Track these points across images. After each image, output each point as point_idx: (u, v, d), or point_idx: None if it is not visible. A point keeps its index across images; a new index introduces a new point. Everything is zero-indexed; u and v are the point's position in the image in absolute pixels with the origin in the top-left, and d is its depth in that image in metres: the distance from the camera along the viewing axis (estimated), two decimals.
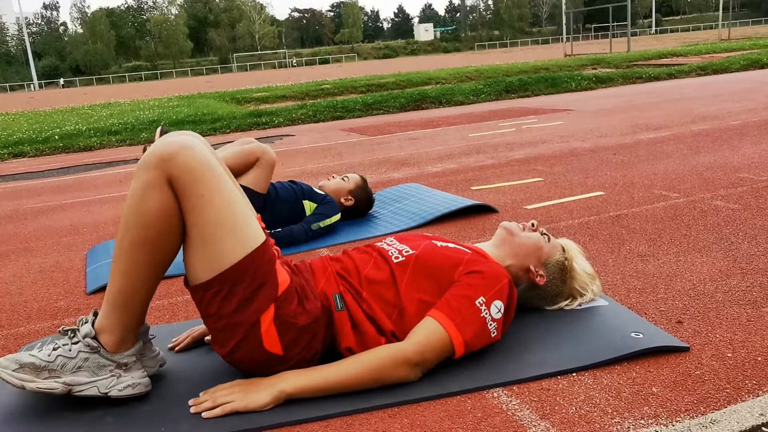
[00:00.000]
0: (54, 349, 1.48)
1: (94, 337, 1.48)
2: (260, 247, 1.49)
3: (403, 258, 1.65)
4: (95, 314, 1.53)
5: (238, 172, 2.77)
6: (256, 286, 1.47)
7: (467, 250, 1.70)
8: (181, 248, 1.51)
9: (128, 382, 1.49)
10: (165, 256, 1.47)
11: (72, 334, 1.51)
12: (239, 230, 1.46)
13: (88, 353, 1.47)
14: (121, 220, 1.47)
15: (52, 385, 1.45)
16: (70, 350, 1.48)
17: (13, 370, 1.44)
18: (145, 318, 1.55)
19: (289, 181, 3.12)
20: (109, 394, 1.47)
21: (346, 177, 3.24)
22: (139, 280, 1.46)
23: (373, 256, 1.68)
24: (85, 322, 1.52)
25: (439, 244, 1.71)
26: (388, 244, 1.74)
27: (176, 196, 1.43)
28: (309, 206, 3.02)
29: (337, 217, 3.03)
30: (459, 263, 1.63)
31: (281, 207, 2.96)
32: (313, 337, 1.53)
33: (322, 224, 2.95)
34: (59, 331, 1.53)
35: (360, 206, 3.23)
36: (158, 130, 2.81)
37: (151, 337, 1.62)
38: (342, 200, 3.17)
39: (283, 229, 2.88)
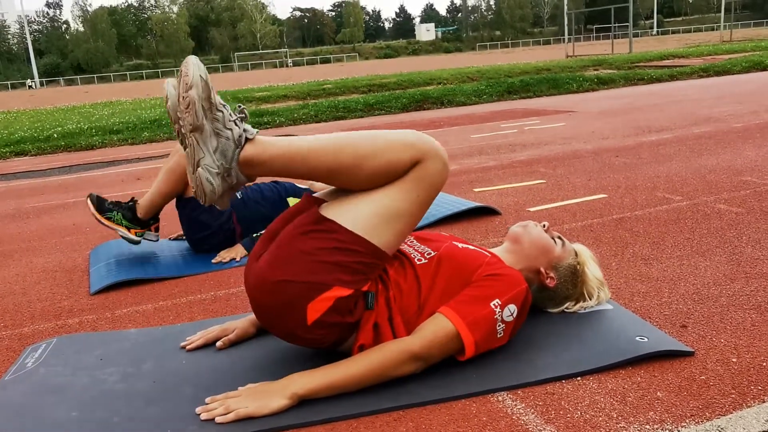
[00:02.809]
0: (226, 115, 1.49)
1: (245, 140, 1.51)
2: (390, 259, 1.60)
3: (426, 260, 1.66)
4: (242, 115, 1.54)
5: None
6: (360, 270, 1.52)
7: (486, 253, 1.71)
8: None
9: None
10: (345, 179, 1.54)
11: (242, 116, 1.53)
12: (400, 236, 1.57)
13: (232, 141, 1.49)
14: (351, 133, 1.55)
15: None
16: (230, 120, 1.49)
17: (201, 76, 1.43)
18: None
19: (272, 181, 3.02)
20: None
21: None
22: (316, 169, 1.54)
23: (398, 257, 1.68)
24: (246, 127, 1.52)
25: (460, 245, 1.72)
26: (409, 245, 1.74)
27: (406, 172, 1.52)
28: (293, 202, 2.92)
29: None
30: (479, 265, 1.64)
31: (263, 206, 2.87)
32: (340, 330, 1.55)
33: None
34: (237, 108, 1.54)
35: None
36: (88, 199, 2.78)
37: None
38: None
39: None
